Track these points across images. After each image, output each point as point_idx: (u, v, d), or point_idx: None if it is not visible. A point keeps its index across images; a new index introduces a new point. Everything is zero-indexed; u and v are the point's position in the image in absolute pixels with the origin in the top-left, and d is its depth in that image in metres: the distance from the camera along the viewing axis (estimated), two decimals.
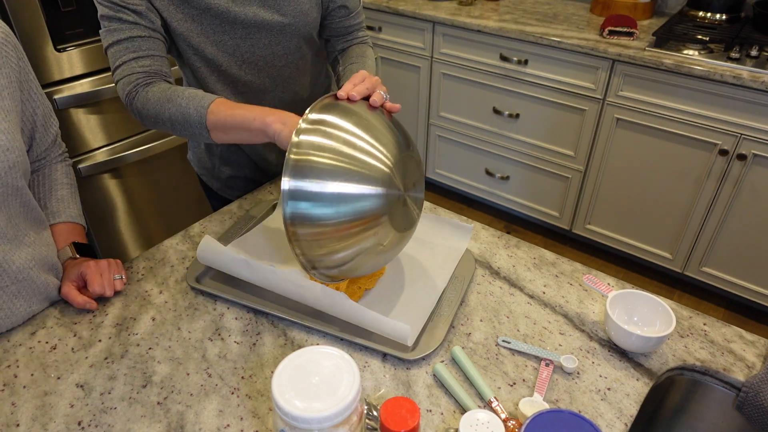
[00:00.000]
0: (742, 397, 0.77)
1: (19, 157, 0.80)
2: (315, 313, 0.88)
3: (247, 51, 1.03)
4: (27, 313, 0.86)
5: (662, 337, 0.79)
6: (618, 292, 0.85)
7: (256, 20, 1.00)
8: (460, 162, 2.63)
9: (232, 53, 1.03)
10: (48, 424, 0.72)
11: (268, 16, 1.01)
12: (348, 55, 1.14)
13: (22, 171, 0.82)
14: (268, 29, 1.02)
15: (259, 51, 1.05)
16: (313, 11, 1.07)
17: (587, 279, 0.91)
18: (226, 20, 0.98)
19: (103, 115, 1.81)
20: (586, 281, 0.90)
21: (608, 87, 2.03)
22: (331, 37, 1.17)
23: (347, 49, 1.16)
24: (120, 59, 0.94)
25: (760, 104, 1.76)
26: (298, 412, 0.53)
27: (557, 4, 2.46)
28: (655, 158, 2.04)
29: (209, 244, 0.92)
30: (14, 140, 0.80)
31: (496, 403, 0.73)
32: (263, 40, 1.03)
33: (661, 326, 0.83)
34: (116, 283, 0.91)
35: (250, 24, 1.00)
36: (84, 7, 1.67)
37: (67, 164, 1.03)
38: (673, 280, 2.32)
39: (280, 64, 1.09)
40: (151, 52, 0.94)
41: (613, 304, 0.84)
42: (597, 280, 0.91)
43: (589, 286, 0.92)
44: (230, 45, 1.02)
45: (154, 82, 0.95)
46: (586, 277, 0.91)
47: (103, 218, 1.95)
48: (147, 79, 0.94)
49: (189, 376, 0.79)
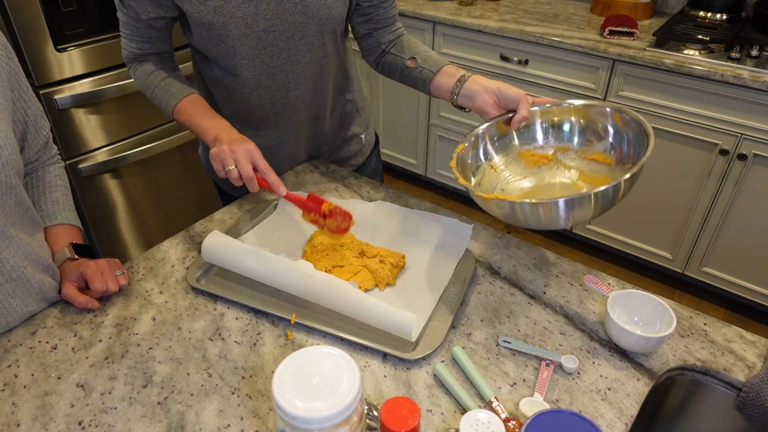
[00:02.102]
0: (743, 398, 0.77)
1: (12, 155, 0.80)
2: (315, 313, 0.88)
3: (269, 44, 1.02)
4: (23, 313, 0.86)
5: (663, 337, 0.78)
6: (618, 292, 0.85)
7: (279, 9, 0.99)
8: None
9: (254, 46, 1.02)
10: (48, 424, 0.72)
11: (290, 7, 0.99)
12: (406, 46, 1.12)
13: (15, 169, 0.82)
14: (291, 22, 1.01)
15: (282, 44, 1.03)
16: (337, 6, 1.04)
17: (588, 279, 0.91)
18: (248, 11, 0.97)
19: (104, 115, 1.81)
20: (587, 282, 0.90)
21: (609, 87, 2.03)
22: (374, 30, 1.13)
23: (397, 40, 1.14)
24: (122, 34, 1.05)
25: (760, 104, 1.76)
26: (299, 412, 0.53)
27: (558, 4, 2.46)
28: (656, 158, 2.04)
29: (217, 237, 0.93)
30: (6, 138, 0.79)
31: (496, 403, 0.73)
32: (286, 33, 1.02)
33: (661, 326, 0.83)
34: (119, 278, 0.91)
35: (272, 16, 0.99)
36: (84, 6, 1.67)
37: (60, 166, 1.03)
38: (673, 280, 2.32)
39: (303, 61, 1.08)
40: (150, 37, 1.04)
41: (613, 304, 0.84)
42: (598, 281, 0.91)
43: (590, 287, 0.92)
44: (252, 39, 1.00)
45: (144, 59, 1.08)
46: (587, 277, 0.91)
47: (103, 218, 1.95)
48: (138, 58, 1.08)
49: (189, 376, 0.79)
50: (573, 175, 0.98)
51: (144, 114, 1.92)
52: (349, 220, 0.96)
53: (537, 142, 1.02)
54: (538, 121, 1.01)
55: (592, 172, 0.97)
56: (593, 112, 0.97)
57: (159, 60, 1.09)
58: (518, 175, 1.01)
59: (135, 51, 1.06)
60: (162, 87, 1.05)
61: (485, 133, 1.00)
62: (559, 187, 0.98)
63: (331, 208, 0.95)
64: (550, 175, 1.00)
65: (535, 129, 1.02)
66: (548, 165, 1.01)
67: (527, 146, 1.02)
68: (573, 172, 0.98)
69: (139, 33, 1.03)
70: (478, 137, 0.99)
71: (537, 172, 1.00)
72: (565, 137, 1.00)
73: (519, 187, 1.00)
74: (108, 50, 1.75)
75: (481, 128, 0.99)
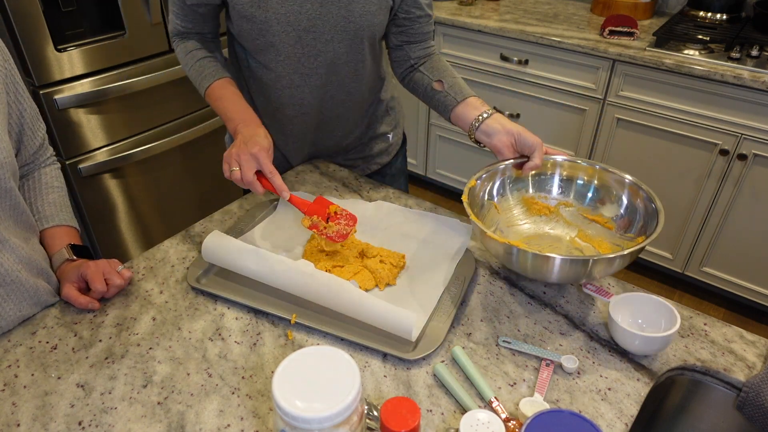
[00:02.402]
0: (743, 398, 0.77)
1: (7, 158, 0.80)
2: (315, 313, 0.88)
3: (308, 44, 1.02)
4: (17, 317, 0.86)
5: (667, 337, 0.78)
6: (621, 296, 0.85)
7: (323, 11, 0.99)
8: (460, 162, 2.63)
9: (293, 44, 1.02)
10: (48, 424, 0.72)
11: (334, 10, 0.99)
12: (436, 67, 1.12)
13: (11, 172, 0.81)
14: (332, 24, 1.01)
15: (321, 46, 1.03)
16: (380, 14, 1.04)
17: (587, 288, 0.91)
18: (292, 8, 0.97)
19: (104, 115, 1.81)
20: (587, 290, 0.90)
21: (609, 87, 2.03)
22: (406, 43, 1.13)
23: (428, 57, 1.14)
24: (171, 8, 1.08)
25: (760, 104, 1.76)
26: (299, 412, 0.53)
27: (558, 4, 2.46)
28: (656, 158, 2.04)
29: (217, 237, 0.93)
30: (1, 141, 0.79)
31: (496, 403, 0.73)
32: (326, 35, 1.02)
33: (666, 326, 0.82)
34: (123, 272, 0.91)
35: (315, 16, 0.99)
36: (84, 7, 1.67)
37: (56, 167, 1.03)
38: (673, 280, 2.32)
39: (339, 63, 1.07)
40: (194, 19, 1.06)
41: (616, 308, 0.84)
42: (597, 287, 0.91)
43: (591, 294, 0.92)
44: (292, 36, 1.00)
45: (186, 37, 1.09)
46: (586, 285, 0.91)
47: (103, 218, 1.95)
48: (181, 35, 1.10)
49: (189, 376, 0.79)
50: (572, 231, 1.01)
51: (144, 114, 1.92)
52: (353, 224, 0.95)
53: (543, 192, 1.04)
54: (551, 172, 1.03)
55: (591, 233, 0.99)
56: (610, 178, 0.98)
57: (201, 39, 1.10)
58: (518, 220, 1.03)
59: (179, 28, 1.08)
60: (197, 67, 1.07)
61: (497, 172, 1.01)
62: (555, 240, 1.00)
63: (337, 210, 0.95)
64: (550, 226, 1.02)
65: (547, 179, 1.04)
66: (549, 216, 1.03)
67: (533, 193, 1.04)
68: (572, 229, 1.01)
69: (184, 13, 1.06)
70: (490, 175, 1.00)
71: (537, 221, 1.03)
72: (572, 194, 1.02)
73: (518, 232, 1.02)
74: (108, 50, 1.75)
75: (494, 167, 1.01)
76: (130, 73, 1.82)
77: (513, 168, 1.01)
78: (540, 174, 1.03)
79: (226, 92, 1.04)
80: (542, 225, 1.02)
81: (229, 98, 1.04)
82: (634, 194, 0.94)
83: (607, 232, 0.97)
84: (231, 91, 1.05)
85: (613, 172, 0.98)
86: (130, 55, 1.81)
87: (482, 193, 1.00)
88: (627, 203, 0.96)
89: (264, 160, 0.93)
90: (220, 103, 1.03)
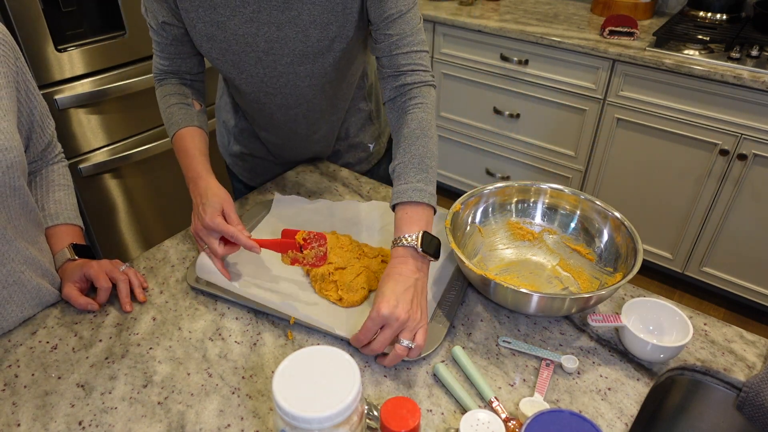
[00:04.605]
0: (743, 397, 0.77)
1: (17, 157, 0.80)
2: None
3: (269, 65, 1.00)
4: (19, 318, 0.86)
5: (680, 347, 0.77)
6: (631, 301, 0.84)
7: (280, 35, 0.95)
8: (460, 162, 2.63)
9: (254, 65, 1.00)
10: (49, 424, 0.72)
11: (291, 35, 0.95)
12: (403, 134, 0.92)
13: (21, 170, 0.82)
14: (291, 48, 0.97)
15: (282, 68, 1.00)
16: (340, 41, 0.97)
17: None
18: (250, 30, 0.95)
19: (104, 115, 1.81)
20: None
21: (609, 87, 2.03)
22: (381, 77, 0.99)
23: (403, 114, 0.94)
24: (153, 50, 1.06)
25: (760, 104, 1.76)
26: (299, 412, 0.53)
27: (558, 4, 2.46)
28: (656, 158, 2.04)
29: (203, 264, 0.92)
30: (12, 140, 0.79)
31: (496, 403, 0.73)
32: (285, 58, 0.98)
33: (675, 332, 0.82)
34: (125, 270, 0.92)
35: (272, 39, 0.96)
36: (84, 6, 1.67)
37: (63, 165, 1.03)
38: (673, 280, 2.32)
39: (303, 85, 1.04)
40: (170, 53, 1.04)
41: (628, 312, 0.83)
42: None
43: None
44: (252, 57, 0.98)
45: (165, 80, 1.08)
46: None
47: (103, 218, 1.95)
48: (161, 76, 1.08)
49: (189, 376, 0.79)
50: (554, 260, 1.00)
51: (144, 114, 1.92)
52: (324, 242, 0.95)
53: (528, 218, 1.04)
54: (538, 199, 1.03)
55: (572, 263, 0.99)
56: (592, 209, 0.98)
57: (178, 82, 1.07)
58: (501, 245, 1.03)
59: (160, 67, 1.07)
60: (167, 115, 1.06)
61: (482, 197, 1.02)
62: (536, 268, 1.00)
63: (304, 236, 0.95)
64: (532, 252, 1.02)
65: (532, 206, 1.04)
66: (532, 242, 1.03)
67: (517, 218, 1.04)
68: (554, 257, 1.01)
69: (161, 48, 1.03)
70: (474, 199, 1.00)
71: (520, 246, 1.03)
72: (557, 222, 1.03)
73: (499, 257, 1.01)
74: (108, 50, 1.75)
75: (478, 192, 1.01)
76: (130, 73, 1.82)
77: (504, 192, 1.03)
78: (525, 200, 1.03)
79: (183, 144, 1.02)
80: (525, 251, 1.02)
81: (184, 151, 1.02)
82: (616, 229, 0.94)
83: (588, 263, 0.97)
84: (187, 144, 1.02)
85: (596, 203, 0.97)
86: (130, 55, 1.81)
87: (466, 217, 1.00)
88: (607, 238, 0.96)
89: (220, 225, 0.87)
90: (178, 156, 1.03)
